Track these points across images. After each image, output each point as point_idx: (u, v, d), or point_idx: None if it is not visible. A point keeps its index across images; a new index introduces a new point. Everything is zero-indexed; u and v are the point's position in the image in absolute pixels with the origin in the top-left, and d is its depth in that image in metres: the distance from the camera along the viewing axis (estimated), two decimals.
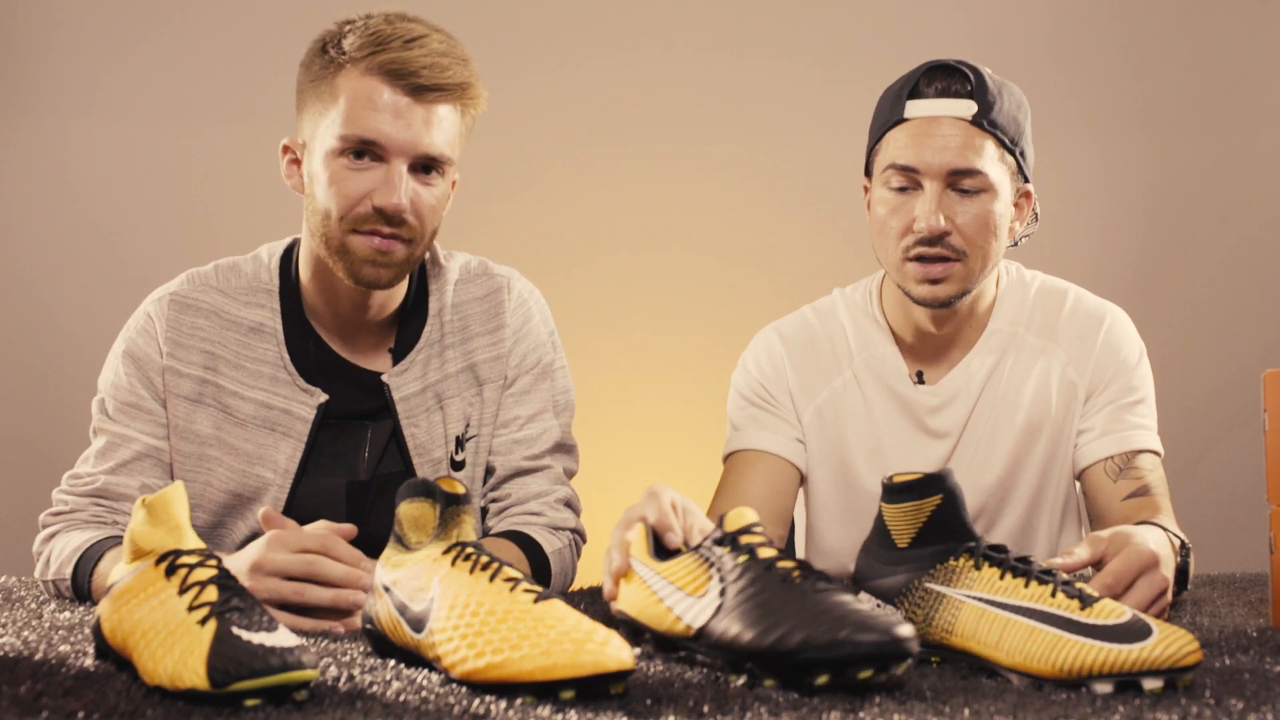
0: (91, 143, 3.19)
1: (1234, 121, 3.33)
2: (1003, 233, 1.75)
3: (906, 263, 1.73)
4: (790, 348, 1.88)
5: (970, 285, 1.74)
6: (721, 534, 1.19)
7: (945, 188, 1.70)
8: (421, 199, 1.63)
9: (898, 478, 1.24)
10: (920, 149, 1.70)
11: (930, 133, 1.70)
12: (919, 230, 1.70)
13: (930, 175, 1.69)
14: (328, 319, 1.73)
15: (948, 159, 1.69)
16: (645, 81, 3.29)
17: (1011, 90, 1.74)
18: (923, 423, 1.83)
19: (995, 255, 1.75)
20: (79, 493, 1.68)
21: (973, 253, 1.72)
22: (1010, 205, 1.76)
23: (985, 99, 1.70)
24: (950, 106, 1.70)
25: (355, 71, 1.60)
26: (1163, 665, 1.06)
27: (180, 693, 1.03)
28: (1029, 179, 1.78)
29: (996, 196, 1.72)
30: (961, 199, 1.70)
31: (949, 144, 1.69)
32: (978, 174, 1.69)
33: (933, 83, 1.71)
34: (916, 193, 1.71)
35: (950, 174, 1.69)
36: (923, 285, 1.73)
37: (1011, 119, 1.72)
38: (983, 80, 1.71)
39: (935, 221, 1.69)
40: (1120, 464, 1.77)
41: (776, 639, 1.06)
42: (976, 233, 1.71)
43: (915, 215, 1.70)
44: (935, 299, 1.74)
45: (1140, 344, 1.85)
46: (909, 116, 1.71)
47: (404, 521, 1.22)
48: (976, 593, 1.17)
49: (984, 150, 1.70)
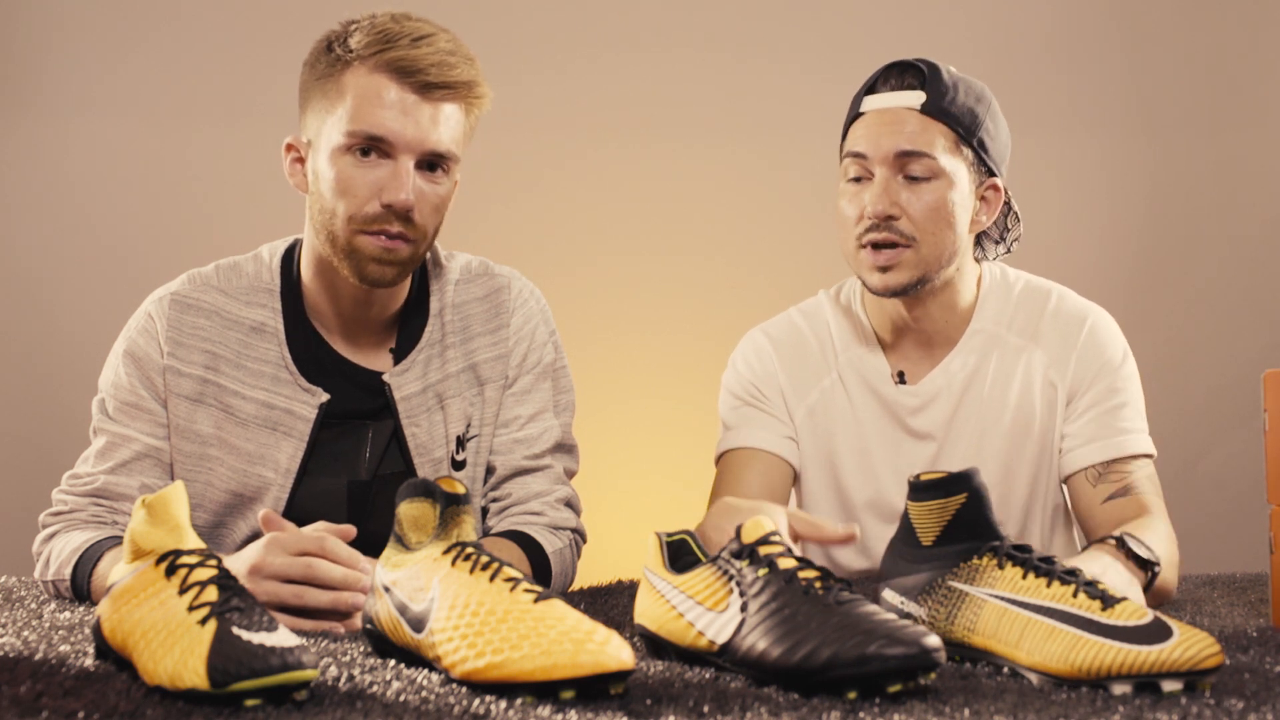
0: (91, 143, 3.19)
1: (1234, 122, 3.33)
2: (959, 222, 1.76)
3: (860, 251, 1.75)
4: (779, 349, 1.88)
5: (925, 273, 1.75)
6: (739, 545, 1.19)
7: (894, 174, 1.73)
8: (427, 197, 1.63)
9: (924, 476, 1.25)
10: (869, 136, 1.74)
11: (881, 122, 1.74)
12: (867, 216, 1.73)
13: (879, 161, 1.73)
14: (329, 318, 1.73)
15: (896, 142, 1.72)
16: (645, 81, 3.29)
17: (970, 84, 1.77)
18: (905, 423, 1.83)
19: (950, 244, 1.76)
20: (79, 493, 1.68)
21: (923, 239, 1.73)
22: (970, 196, 1.77)
23: (937, 89, 1.73)
24: (899, 98, 1.75)
25: (363, 69, 1.60)
26: (1182, 667, 1.05)
27: (180, 693, 1.03)
28: (996, 172, 1.79)
29: (951, 185, 1.74)
30: (911, 185, 1.73)
31: (898, 130, 1.72)
32: (924, 156, 1.72)
33: (889, 79, 1.76)
34: (869, 183, 1.74)
35: (898, 157, 1.72)
36: (875, 273, 1.75)
37: (966, 110, 1.74)
38: (937, 73, 1.75)
39: (880, 205, 1.72)
40: (1101, 468, 1.77)
41: (804, 656, 1.06)
42: (926, 219, 1.73)
43: (865, 202, 1.73)
44: (888, 287, 1.75)
45: (1124, 345, 1.84)
46: (864, 110, 1.77)
47: (404, 521, 1.22)
48: (999, 592, 1.17)
49: (934, 138, 1.72)
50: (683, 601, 1.21)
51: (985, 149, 1.76)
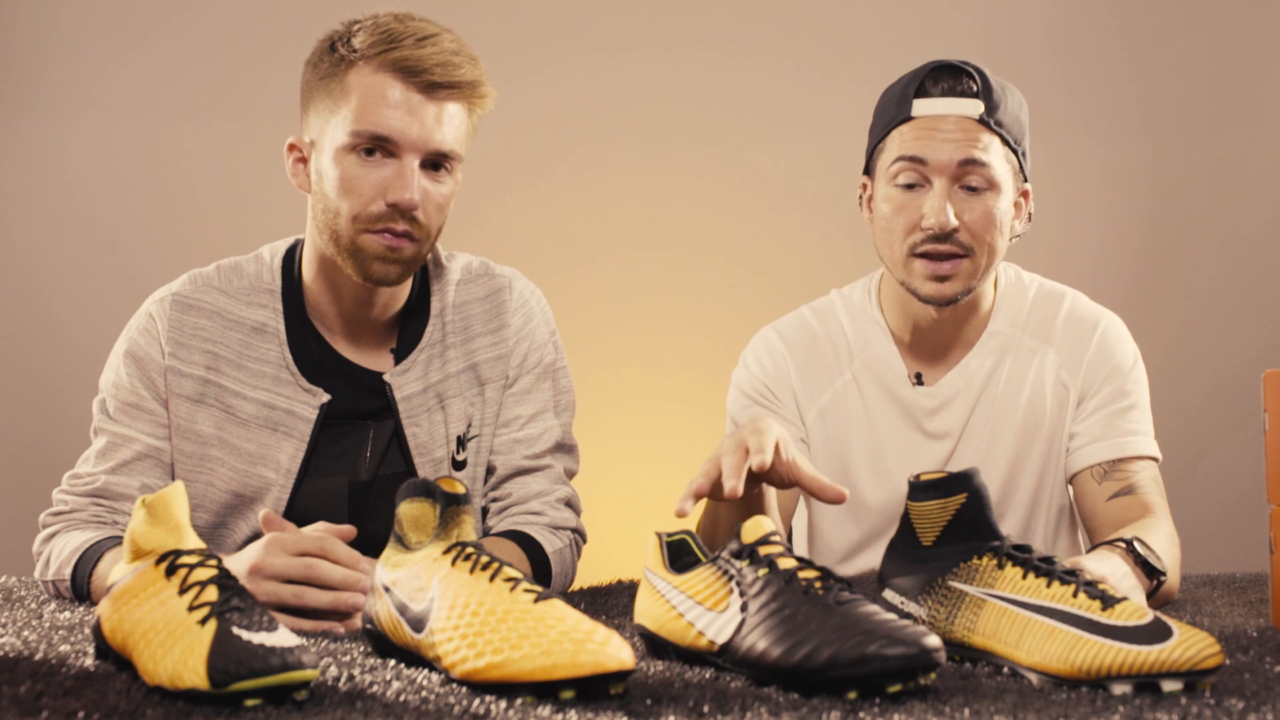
0: (91, 143, 3.19)
1: (1234, 123, 3.33)
2: (1006, 231, 1.76)
3: (913, 259, 1.73)
4: (792, 349, 1.87)
5: (975, 282, 1.75)
6: (739, 545, 1.18)
7: (953, 185, 1.71)
8: (431, 196, 1.63)
9: (924, 476, 1.24)
10: (929, 142, 1.71)
11: (938, 129, 1.71)
12: (928, 227, 1.71)
13: (938, 170, 1.70)
14: (331, 318, 1.73)
15: (960, 152, 1.70)
16: (645, 81, 3.29)
17: (1013, 91, 1.76)
18: (921, 424, 1.83)
19: (999, 252, 1.76)
20: (79, 493, 1.68)
21: (979, 249, 1.73)
22: (1011, 205, 1.77)
23: (991, 99, 1.71)
24: (957, 105, 1.72)
25: (367, 69, 1.61)
26: (1182, 667, 1.05)
27: (180, 693, 1.03)
28: (1027, 179, 1.79)
29: (1001, 194, 1.73)
30: (968, 196, 1.71)
31: (959, 139, 1.70)
32: (985, 167, 1.71)
33: (939, 82, 1.73)
34: (923, 190, 1.72)
35: (960, 166, 1.70)
36: (930, 283, 1.73)
37: (1015, 119, 1.74)
38: (987, 81, 1.73)
39: (945, 218, 1.70)
40: (1106, 467, 1.77)
41: (804, 656, 1.06)
42: (984, 229, 1.72)
43: (923, 212, 1.71)
44: (943, 296, 1.74)
45: (1135, 350, 1.85)
46: (915, 115, 1.73)
47: (404, 521, 1.22)
48: (999, 592, 1.17)
49: (990, 148, 1.71)
50: (683, 601, 1.21)
51: (1025, 157, 1.77)
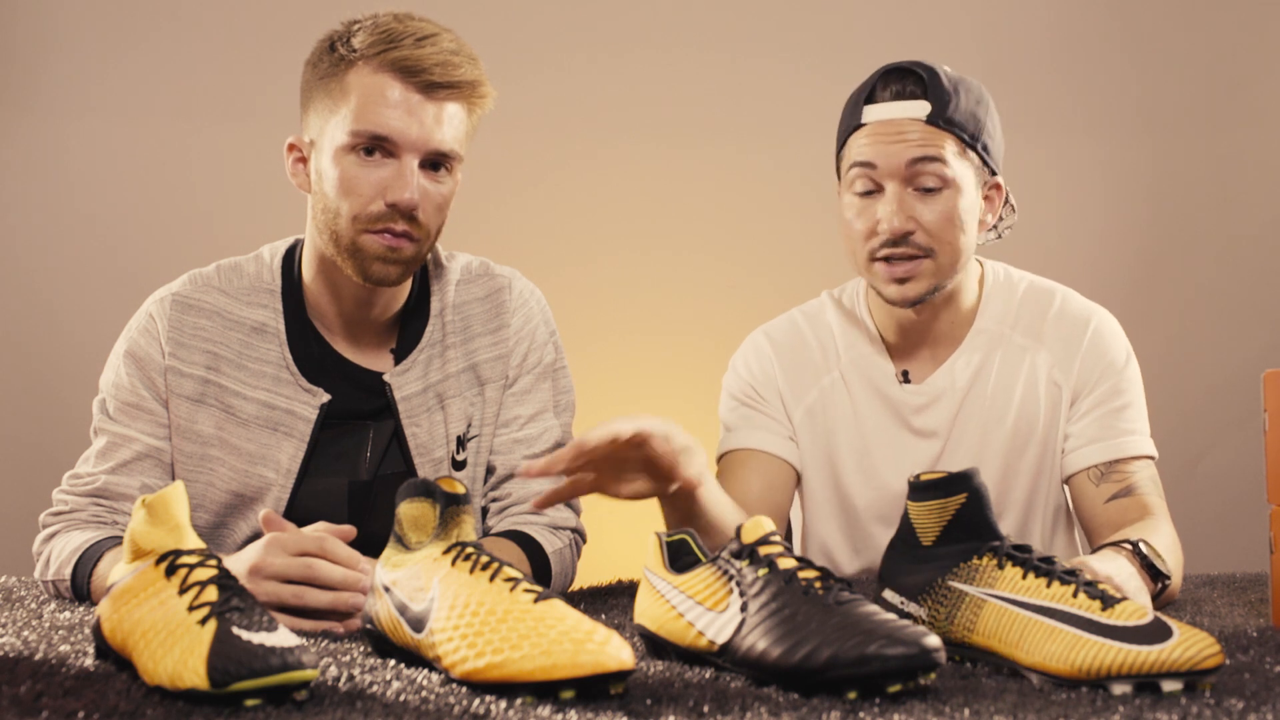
0: (91, 143, 3.19)
1: (1234, 122, 3.33)
2: (970, 228, 1.76)
3: (874, 264, 1.75)
4: (778, 350, 1.88)
5: (941, 281, 1.75)
6: (739, 545, 1.19)
7: (906, 187, 1.72)
8: (431, 196, 1.63)
9: (924, 476, 1.25)
10: (877, 147, 1.72)
11: (886, 133, 1.72)
12: (882, 232, 1.72)
13: (889, 174, 1.71)
14: (331, 319, 1.73)
15: (907, 152, 1.70)
16: (645, 81, 3.29)
17: (969, 85, 1.75)
18: (908, 422, 1.83)
19: (965, 250, 1.76)
20: (79, 493, 1.68)
21: (940, 249, 1.73)
22: (976, 200, 1.77)
23: (940, 98, 1.71)
24: (904, 109, 1.72)
25: (367, 69, 1.61)
26: (1182, 667, 1.05)
27: (180, 693, 1.03)
28: (996, 171, 1.79)
29: (960, 193, 1.73)
30: (923, 197, 1.72)
31: (906, 142, 1.71)
32: (936, 165, 1.71)
33: (888, 86, 1.74)
34: (879, 195, 1.73)
35: (909, 167, 1.70)
36: (892, 285, 1.74)
37: (969, 115, 1.74)
38: (937, 79, 1.72)
39: (896, 222, 1.71)
40: (1103, 468, 1.77)
41: (804, 656, 1.06)
42: (942, 229, 1.72)
43: (879, 217, 1.72)
44: (905, 298, 1.75)
45: (1128, 346, 1.84)
46: (865, 121, 1.74)
47: (404, 521, 1.23)
48: (999, 592, 1.17)
49: (943, 147, 1.71)
50: (683, 601, 1.21)
51: (988, 151, 1.76)
